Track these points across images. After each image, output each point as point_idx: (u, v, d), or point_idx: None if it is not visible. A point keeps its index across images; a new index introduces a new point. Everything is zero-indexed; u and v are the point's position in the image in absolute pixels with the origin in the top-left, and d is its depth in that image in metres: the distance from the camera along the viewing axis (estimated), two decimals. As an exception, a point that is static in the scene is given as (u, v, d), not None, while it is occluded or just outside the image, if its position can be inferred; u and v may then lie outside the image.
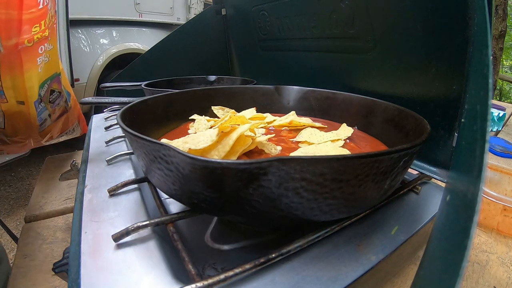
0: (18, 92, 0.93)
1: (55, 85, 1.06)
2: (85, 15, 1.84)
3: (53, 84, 1.05)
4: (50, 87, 1.04)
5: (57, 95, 1.08)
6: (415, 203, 0.34)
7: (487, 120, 0.15)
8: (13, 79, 0.91)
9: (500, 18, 2.43)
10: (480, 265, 0.38)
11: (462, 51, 0.33)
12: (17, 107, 0.95)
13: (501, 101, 2.41)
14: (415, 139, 0.25)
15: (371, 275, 0.24)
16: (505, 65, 5.43)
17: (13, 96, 0.93)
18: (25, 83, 0.93)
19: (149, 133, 0.37)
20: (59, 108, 1.11)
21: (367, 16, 0.45)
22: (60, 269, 0.31)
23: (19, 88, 0.93)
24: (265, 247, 0.29)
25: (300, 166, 0.19)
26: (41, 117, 1.03)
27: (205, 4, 2.57)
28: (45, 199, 0.67)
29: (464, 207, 0.14)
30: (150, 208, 0.32)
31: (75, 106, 1.25)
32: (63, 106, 1.13)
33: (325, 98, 0.48)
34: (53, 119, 1.11)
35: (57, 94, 1.07)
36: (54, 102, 1.07)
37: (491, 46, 0.18)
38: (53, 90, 1.05)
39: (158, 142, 0.22)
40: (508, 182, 0.52)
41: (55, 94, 1.07)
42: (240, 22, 0.84)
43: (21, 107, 0.96)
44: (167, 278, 0.22)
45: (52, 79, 1.04)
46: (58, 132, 1.20)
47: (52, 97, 1.06)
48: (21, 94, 0.94)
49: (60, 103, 1.11)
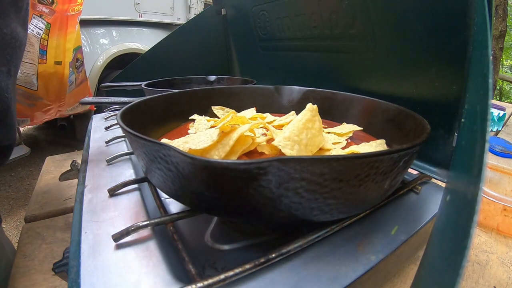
0: (58, 53, 1.10)
1: (79, 55, 1.25)
2: (85, 15, 1.84)
3: (78, 53, 1.24)
4: (76, 56, 1.22)
5: (81, 63, 1.27)
6: (415, 203, 0.34)
7: (487, 120, 0.15)
8: (57, 40, 1.09)
9: (500, 18, 2.44)
10: (480, 265, 0.38)
11: (462, 51, 0.33)
12: (53, 68, 1.10)
13: (501, 101, 2.41)
14: (415, 139, 0.25)
15: (371, 275, 0.24)
16: (505, 65, 5.43)
17: (53, 57, 1.09)
18: (66, 44, 1.11)
19: (149, 133, 0.37)
20: (81, 75, 1.29)
21: (367, 16, 0.45)
22: (60, 269, 0.31)
23: (60, 48, 1.10)
24: (265, 247, 0.29)
25: (300, 166, 0.19)
26: (70, 80, 1.20)
27: (205, 4, 2.57)
28: (45, 199, 0.67)
29: (464, 207, 0.14)
30: (150, 208, 0.32)
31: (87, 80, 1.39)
32: (83, 74, 1.31)
33: (325, 98, 0.48)
34: (77, 83, 1.27)
35: (80, 63, 1.27)
36: (79, 68, 1.26)
37: (491, 46, 0.18)
38: (78, 59, 1.24)
39: (158, 142, 0.22)
40: (508, 182, 0.52)
41: (79, 62, 1.26)
42: (240, 22, 0.84)
43: (57, 67, 1.11)
44: (167, 278, 0.22)
45: (78, 49, 1.22)
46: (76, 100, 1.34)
47: (77, 64, 1.24)
48: (61, 54, 1.11)
49: (81, 71, 1.29)
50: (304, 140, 0.27)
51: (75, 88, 1.26)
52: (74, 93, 1.28)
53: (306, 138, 0.28)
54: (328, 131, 0.38)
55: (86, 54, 1.88)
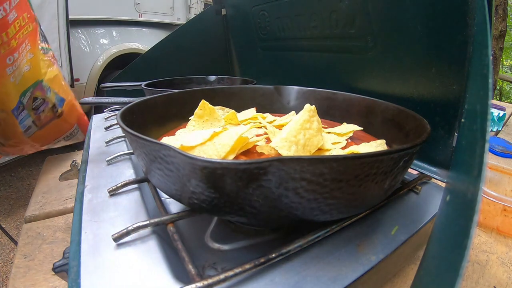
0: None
1: (38, 92, 1.07)
2: (85, 15, 1.84)
3: (36, 91, 1.07)
4: (33, 95, 1.06)
5: (41, 102, 1.09)
6: (415, 203, 0.34)
7: (487, 120, 0.15)
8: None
9: (500, 18, 2.44)
10: (480, 265, 0.38)
11: (462, 51, 0.33)
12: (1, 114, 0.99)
13: (501, 101, 2.41)
14: (415, 139, 0.25)
15: (371, 275, 0.24)
16: (505, 65, 5.42)
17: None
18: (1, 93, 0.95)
19: (149, 133, 0.37)
20: (45, 114, 1.12)
21: (367, 16, 0.45)
22: (60, 269, 0.31)
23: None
24: (265, 247, 0.29)
25: (300, 166, 0.19)
26: (24, 124, 1.06)
27: (205, 4, 2.57)
28: (45, 199, 0.67)
29: (464, 207, 0.14)
30: (150, 208, 0.32)
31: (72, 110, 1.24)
32: (49, 113, 1.13)
33: (325, 98, 0.48)
34: (39, 125, 1.12)
35: (40, 101, 1.09)
36: (38, 109, 1.09)
37: (491, 46, 0.18)
38: (36, 98, 1.07)
39: (158, 142, 0.22)
40: (508, 182, 0.52)
41: (38, 101, 1.08)
42: (240, 22, 0.84)
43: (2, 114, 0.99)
44: (167, 278, 0.22)
45: (34, 87, 1.06)
46: (53, 138, 1.21)
47: (35, 104, 1.07)
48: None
49: (45, 110, 1.11)
50: (301, 140, 0.27)
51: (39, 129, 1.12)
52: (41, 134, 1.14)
53: (303, 139, 0.28)
54: (328, 131, 0.38)
55: (86, 54, 1.88)
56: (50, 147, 1.24)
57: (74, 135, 1.28)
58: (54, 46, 1.60)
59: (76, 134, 1.29)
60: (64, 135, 1.25)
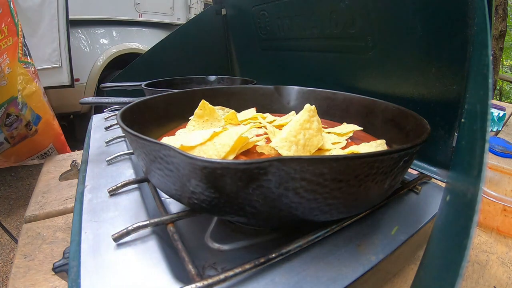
0: None
1: (12, 109, 1.04)
2: (85, 15, 1.84)
3: (10, 107, 1.03)
4: (7, 111, 1.03)
5: (14, 119, 1.05)
6: (415, 203, 0.34)
7: (487, 120, 0.15)
8: None
9: (500, 18, 2.44)
10: (480, 265, 0.38)
11: (462, 51, 0.33)
12: None
13: (501, 101, 2.41)
14: (415, 139, 0.25)
15: (371, 275, 0.24)
16: (505, 65, 5.43)
17: None
18: None
19: (149, 133, 0.37)
20: (18, 132, 1.09)
21: (367, 16, 0.45)
22: (60, 269, 0.31)
23: None
24: (265, 247, 0.29)
25: (300, 166, 0.19)
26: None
27: (205, 4, 2.57)
28: (45, 199, 0.67)
29: (464, 207, 0.14)
30: (150, 208, 0.32)
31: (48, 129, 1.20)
32: (23, 130, 1.10)
33: (325, 98, 0.48)
34: (12, 143, 1.08)
35: (13, 118, 1.05)
36: (11, 126, 1.06)
37: (491, 46, 0.18)
38: (9, 114, 1.04)
39: (158, 142, 0.22)
40: (508, 182, 0.52)
41: (11, 118, 1.05)
42: (240, 22, 0.84)
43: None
44: (167, 278, 0.22)
45: (9, 103, 1.02)
46: (26, 156, 1.17)
47: (8, 120, 1.04)
48: None
49: (18, 127, 1.08)
50: (301, 140, 0.27)
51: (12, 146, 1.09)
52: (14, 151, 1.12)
53: (303, 139, 0.28)
54: (328, 131, 0.38)
55: (86, 54, 1.88)
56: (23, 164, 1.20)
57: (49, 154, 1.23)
58: (54, 46, 1.60)
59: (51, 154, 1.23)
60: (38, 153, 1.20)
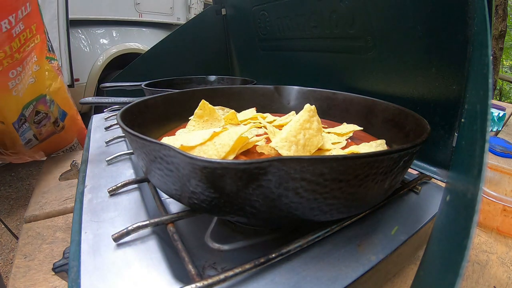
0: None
1: (41, 106, 1.08)
2: (85, 15, 1.84)
3: (39, 105, 1.07)
4: (36, 108, 1.06)
5: (43, 116, 1.10)
6: (415, 203, 0.34)
7: (487, 120, 0.15)
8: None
9: (500, 18, 2.44)
10: (480, 265, 0.38)
11: (462, 51, 0.33)
12: (1, 126, 1.00)
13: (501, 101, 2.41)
14: (415, 139, 0.25)
15: (371, 275, 0.24)
16: (505, 65, 5.42)
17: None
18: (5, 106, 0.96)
19: (149, 133, 0.37)
20: (46, 129, 1.13)
21: (367, 16, 0.45)
22: (60, 269, 0.31)
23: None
24: (265, 247, 0.29)
25: (300, 166, 0.19)
26: (25, 137, 1.06)
27: (205, 4, 2.57)
28: (45, 199, 0.67)
29: (464, 207, 0.14)
30: (150, 208, 0.32)
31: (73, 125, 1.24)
32: (51, 127, 1.14)
33: (325, 98, 0.48)
34: (40, 139, 1.12)
35: (42, 115, 1.09)
36: (40, 123, 1.09)
37: (491, 46, 0.18)
38: (38, 111, 1.08)
39: (158, 142, 0.22)
40: (508, 182, 0.52)
41: (40, 115, 1.09)
42: (240, 22, 0.84)
43: (2, 126, 1.00)
44: (167, 278, 0.22)
45: (37, 100, 1.06)
46: (52, 151, 1.20)
47: (37, 118, 1.08)
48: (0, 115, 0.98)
49: (46, 124, 1.12)
50: (301, 140, 0.27)
51: (40, 143, 1.13)
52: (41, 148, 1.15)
53: (303, 139, 0.28)
54: (328, 131, 0.38)
55: (86, 54, 1.88)
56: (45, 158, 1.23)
57: (74, 149, 1.28)
58: (54, 46, 1.60)
59: (76, 148, 1.29)
60: (64, 148, 1.25)
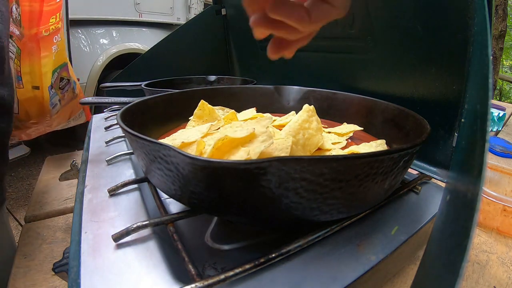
0: (34, 78, 1.03)
1: (64, 73, 1.17)
2: (85, 15, 1.84)
3: (63, 72, 1.16)
4: (60, 75, 1.15)
5: (66, 82, 1.19)
6: (415, 203, 0.34)
7: (487, 120, 0.15)
8: (31, 65, 1.01)
9: (500, 18, 2.44)
10: (480, 265, 0.38)
11: (462, 51, 0.33)
12: (32, 92, 1.04)
13: (501, 101, 2.41)
14: (415, 139, 0.25)
15: (371, 275, 0.24)
16: (505, 65, 5.43)
17: (29, 82, 1.02)
18: (41, 68, 1.04)
19: (149, 133, 0.37)
20: (68, 94, 1.22)
21: (367, 16, 0.45)
22: (60, 269, 0.31)
23: (35, 73, 1.03)
24: (265, 247, 0.29)
25: (300, 166, 0.19)
26: (52, 102, 1.13)
27: (205, 4, 2.57)
28: (45, 199, 0.67)
29: (464, 207, 0.14)
30: (150, 208, 0.32)
31: (80, 94, 1.34)
32: (71, 92, 1.23)
33: (325, 98, 0.48)
34: (62, 104, 1.20)
35: (66, 81, 1.19)
36: (64, 88, 1.19)
37: (491, 46, 0.18)
38: (62, 78, 1.17)
39: (158, 142, 0.22)
40: (508, 182, 0.52)
41: (64, 81, 1.18)
42: (240, 22, 0.84)
43: (35, 92, 1.05)
44: (167, 278, 0.22)
45: (61, 67, 1.15)
46: (66, 118, 1.29)
47: (62, 83, 1.17)
48: (37, 79, 1.03)
49: (68, 90, 1.21)
50: (301, 140, 0.27)
51: (61, 108, 1.20)
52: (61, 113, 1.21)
53: (303, 139, 0.28)
54: (328, 131, 0.38)
55: (86, 54, 1.88)
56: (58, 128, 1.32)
57: (79, 117, 1.37)
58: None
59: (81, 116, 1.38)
60: (74, 116, 1.34)
